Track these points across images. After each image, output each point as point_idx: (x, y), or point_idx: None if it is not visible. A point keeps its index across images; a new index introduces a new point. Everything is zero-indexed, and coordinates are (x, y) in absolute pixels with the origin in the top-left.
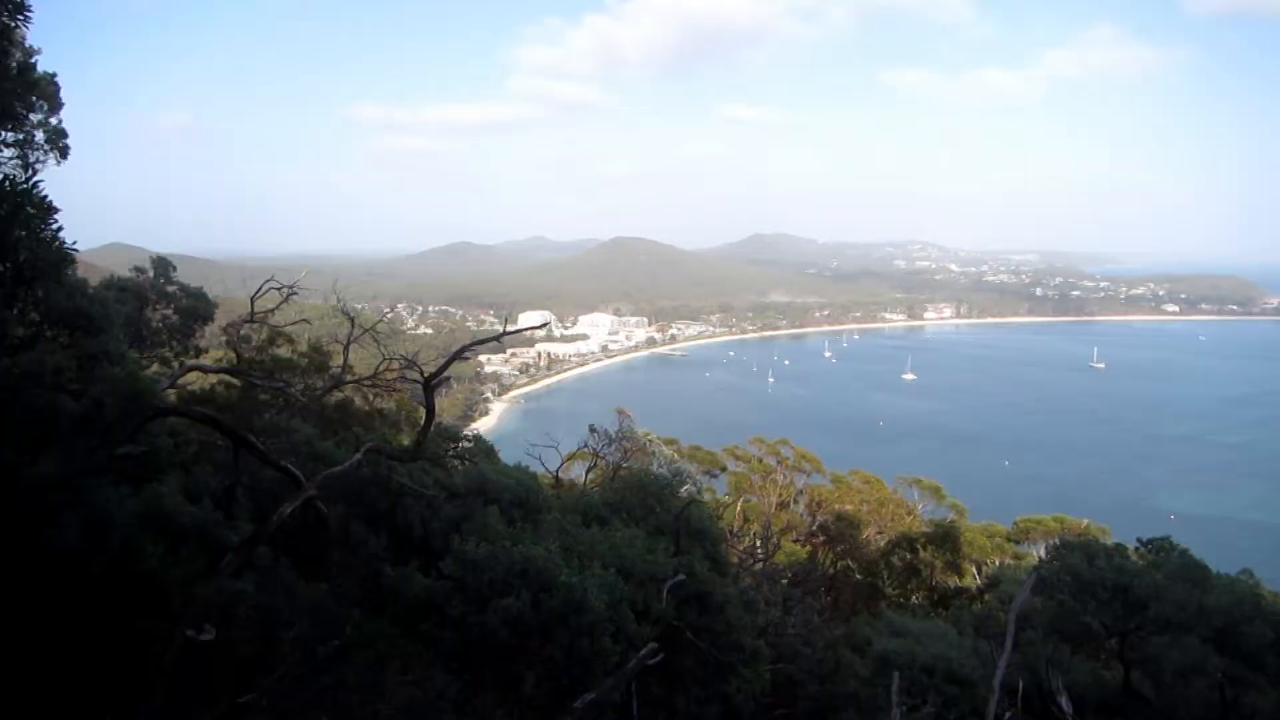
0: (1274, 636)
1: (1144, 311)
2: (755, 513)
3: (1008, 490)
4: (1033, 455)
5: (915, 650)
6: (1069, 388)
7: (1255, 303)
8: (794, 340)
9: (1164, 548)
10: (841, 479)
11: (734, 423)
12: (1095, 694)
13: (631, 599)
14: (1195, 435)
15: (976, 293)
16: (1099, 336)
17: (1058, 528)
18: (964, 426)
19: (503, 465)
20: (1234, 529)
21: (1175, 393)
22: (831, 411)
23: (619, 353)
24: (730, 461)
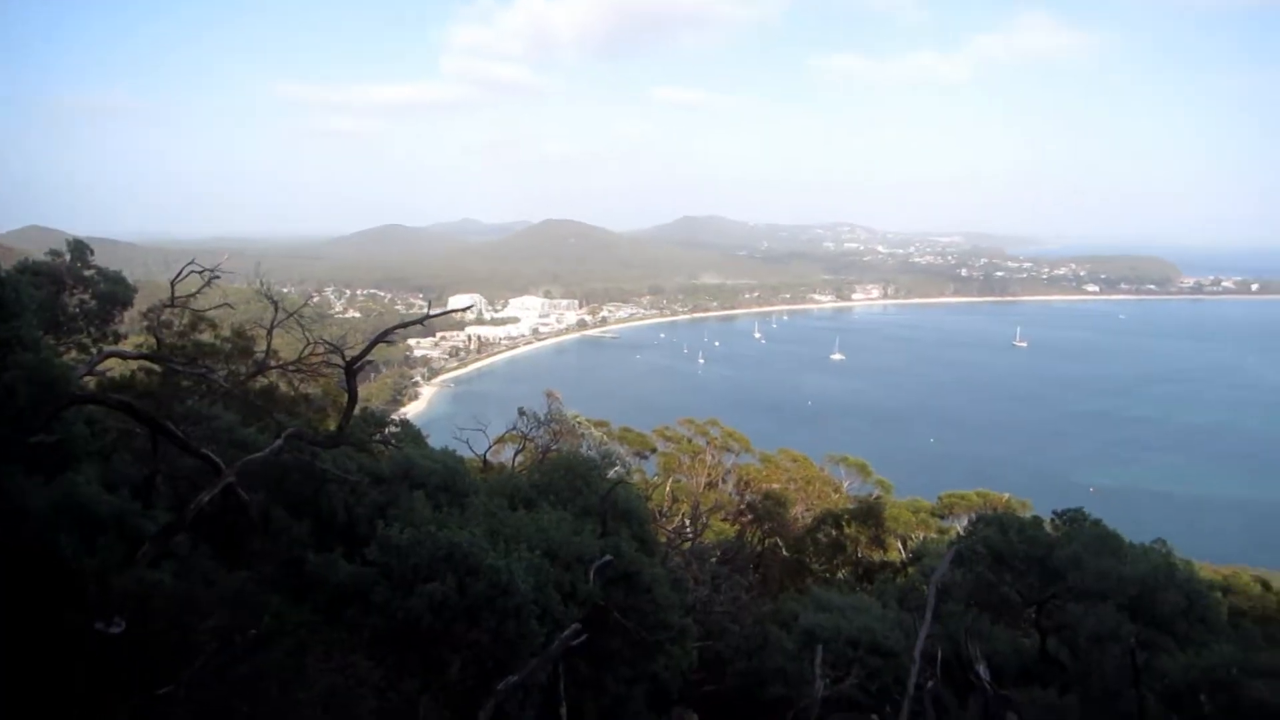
0: (1185, 603)
1: (1065, 292)
2: (684, 493)
3: (933, 467)
4: (957, 433)
5: (840, 624)
6: (992, 367)
7: (1172, 282)
8: (724, 322)
9: (1078, 519)
10: (770, 458)
11: (664, 404)
12: (1014, 661)
13: (558, 581)
14: (1113, 411)
15: (903, 274)
16: (1022, 316)
17: (980, 502)
18: (891, 405)
19: (430, 450)
20: (1148, 500)
21: (1095, 370)
22: (761, 392)
23: (549, 335)
24: (660, 443)
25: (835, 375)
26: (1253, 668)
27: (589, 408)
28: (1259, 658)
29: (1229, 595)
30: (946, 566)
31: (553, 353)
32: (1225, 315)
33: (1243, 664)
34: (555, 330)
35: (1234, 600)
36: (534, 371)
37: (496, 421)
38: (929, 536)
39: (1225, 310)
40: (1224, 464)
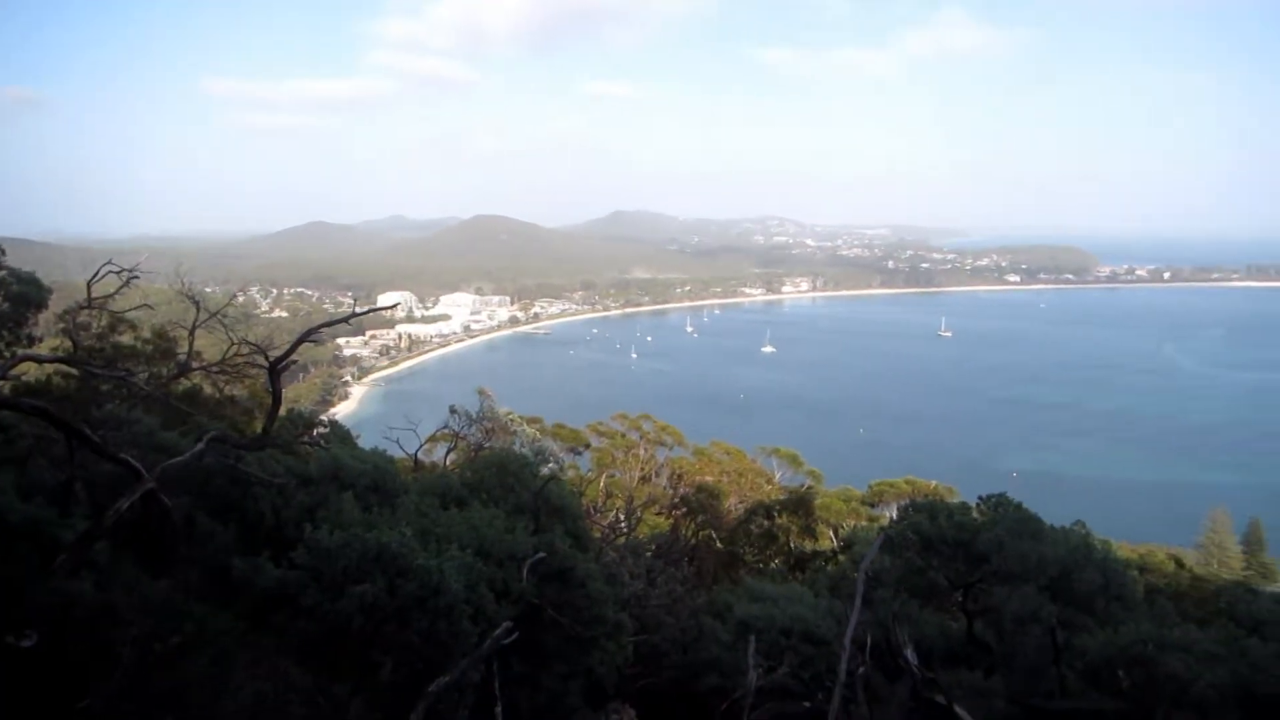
0: (1103, 582)
1: (988, 282)
2: (618, 487)
3: (863, 456)
4: (886, 422)
5: (773, 613)
6: (919, 357)
7: (1089, 271)
8: (656, 316)
9: (1001, 504)
10: (703, 451)
11: (598, 400)
12: (942, 644)
13: (491, 579)
14: (1035, 398)
15: (832, 266)
16: (947, 306)
17: (909, 489)
18: (821, 396)
19: (360, 450)
20: (1068, 483)
21: (1017, 358)
22: (694, 386)
23: (481, 332)
24: (594, 438)
25: (767, 368)
26: (1167, 642)
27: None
28: (1173, 633)
29: (1145, 573)
30: (875, 553)
31: (485, 350)
32: (1139, 303)
33: (1157, 639)
34: (487, 327)
35: (1149, 578)
36: (466, 369)
37: (428, 420)
38: (859, 525)
39: (1139, 298)
40: (1139, 447)
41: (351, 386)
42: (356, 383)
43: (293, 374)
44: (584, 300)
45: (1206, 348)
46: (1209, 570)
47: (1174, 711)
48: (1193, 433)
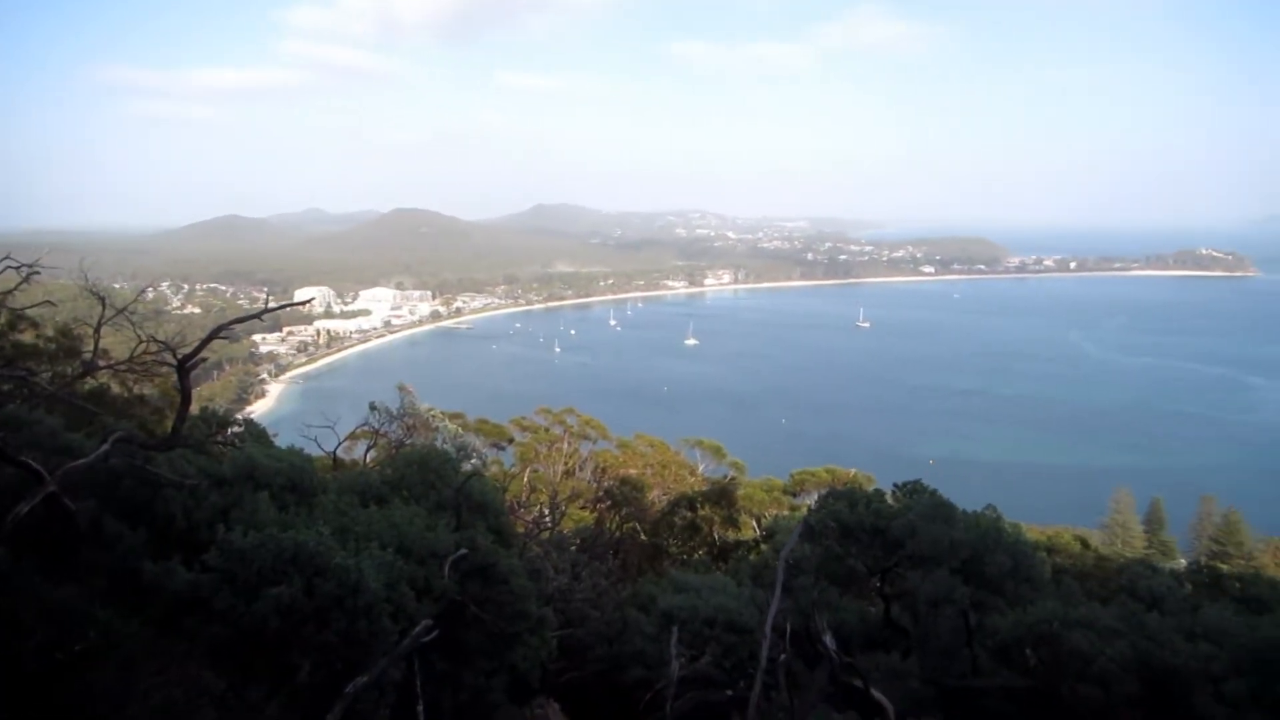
0: (1012, 564)
1: (904, 273)
2: (542, 482)
3: (785, 446)
4: (808, 412)
5: (697, 604)
6: (838, 348)
7: (1000, 262)
8: (580, 310)
9: (916, 490)
10: (627, 444)
11: (521, 394)
12: (861, 629)
13: (412, 577)
14: (950, 386)
15: (753, 259)
16: (865, 298)
17: (829, 478)
18: (744, 388)
19: (276, 449)
20: (981, 468)
21: (933, 348)
22: (618, 379)
23: (402, 328)
24: (517, 433)
25: (690, 360)
26: (1072, 620)
27: (444, 400)
28: (1077, 611)
29: (1052, 554)
30: (795, 542)
31: (406, 345)
32: (1047, 292)
33: (1063, 618)
34: (408, 322)
35: (1057, 559)
36: (387, 365)
37: (348, 417)
38: (781, 514)
39: (1047, 288)
40: (1047, 432)
41: (269, 384)
42: (274, 380)
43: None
44: (506, 294)
45: (1109, 335)
46: (1113, 549)
47: (1078, 685)
48: (1096, 417)
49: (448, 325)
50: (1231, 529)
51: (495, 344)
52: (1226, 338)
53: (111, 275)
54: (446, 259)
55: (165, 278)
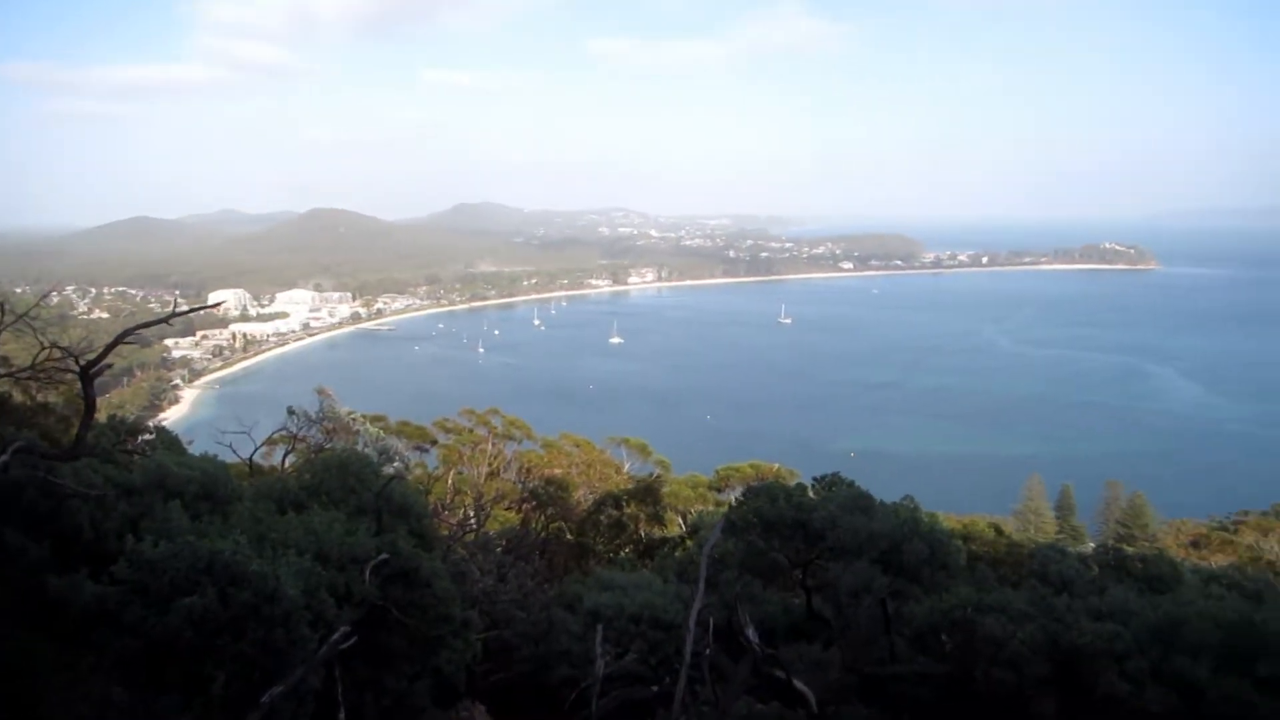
0: (929, 552)
1: (824, 269)
2: (466, 484)
3: (710, 443)
4: (732, 409)
5: (623, 601)
6: (761, 344)
7: (916, 258)
8: (503, 310)
9: (836, 483)
10: (553, 443)
11: (445, 395)
12: (784, 621)
13: (332, 583)
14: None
15: (676, 257)
16: (786, 294)
17: (753, 473)
18: (669, 385)
19: (189, 456)
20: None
21: (853, 343)
22: (543, 379)
23: (322, 330)
24: (441, 435)
25: (615, 358)
26: (985, 605)
27: (366, 403)
28: (991, 596)
29: (968, 542)
30: (717, 537)
31: (326, 348)
32: (962, 287)
33: (976, 603)
34: (328, 325)
35: (972, 546)
36: (306, 369)
37: (265, 422)
38: (706, 510)
39: (961, 282)
40: (963, 423)
41: (182, 390)
42: (188, 385)
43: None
44: (429, 295)
45: (1021, 327)
46: (1026, 535)
47: (992, 669)
48: (1009, 407)
49: (369, 327)
50: (1137, 512)
51: (418, 345)
52: (1129, 329)
53: (13, 279)
54: (367, 260)
55: (71, 281)
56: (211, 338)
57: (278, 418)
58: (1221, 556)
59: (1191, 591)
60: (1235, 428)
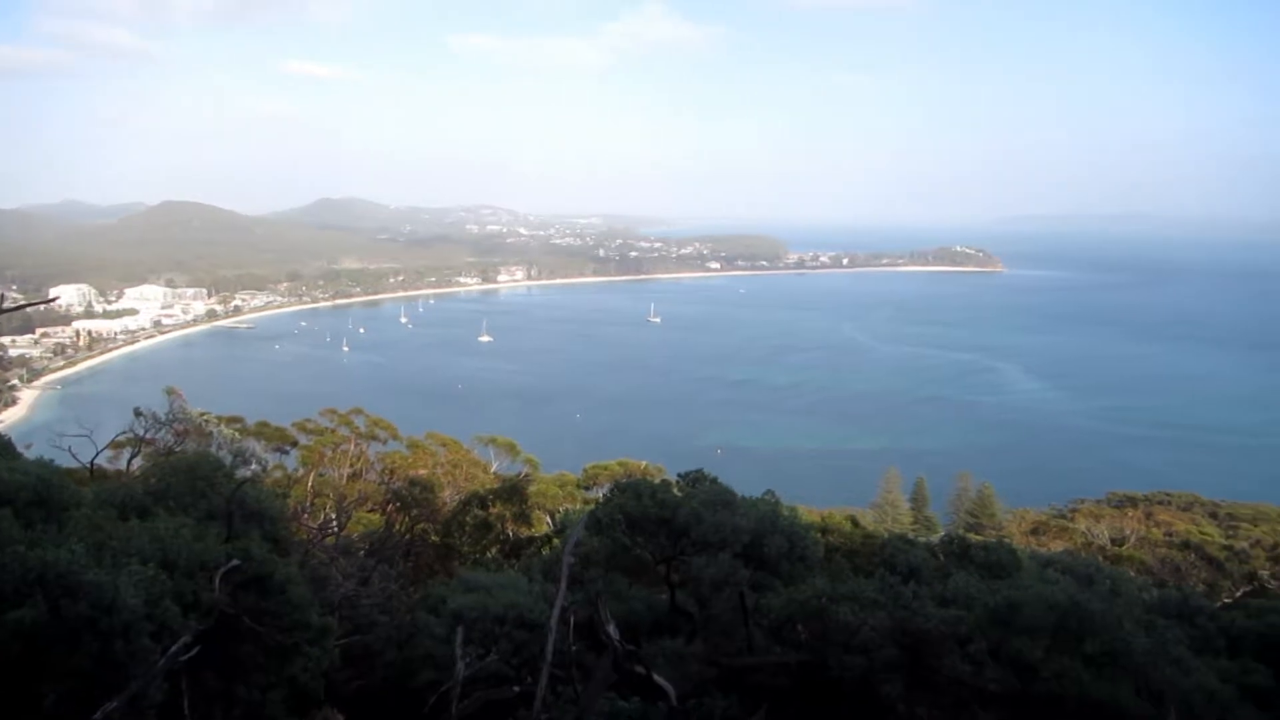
0: (788, 546)
1: (692, 269)
2: (328, 486)
3: (580, 441)
4: (602, 406)
5: (487, 602)
6: (631, 342)
7: (780, 258)
8: (369, 308)
9: (699, 479)
10: (418, 444)
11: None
12: (649, 617)
13: (178, 592)
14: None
15: (546, 255)
16: (655, 293)
17: (621, 471)
18: (539, 384)
19: (22, 461)
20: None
21: (719, 340)
22: (410, 378)
23: (175, 328)
24: (301, 436)
25: (484, 357)
26: (838, 595)
27: (222, 404)
28: (844, 586)
29: (826, 534)
30: (580, 535)
31: (180, 347)
32: (824, 286)
33: (831, 593)
34: (181, 322)
35: (830, 539)
36: (157, 368)
37: (111, 425)
38: (574, 508)
39: (823, 282)
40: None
41: (20, 390)
42: (26, 386)
43: None
44: (290, 292)
45: (879, 326)
46: (883, 527)
47: (844, 655)
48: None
49: (226, 325)
50: (985, 502)
51: (278, 344)
52: (977, 328)
53: None
54: (224, 254)
55: None
56: (53, 335)
57: (124, 419)
58: (1058, 542)
59: (1029, 577)
60: (1073, 420)
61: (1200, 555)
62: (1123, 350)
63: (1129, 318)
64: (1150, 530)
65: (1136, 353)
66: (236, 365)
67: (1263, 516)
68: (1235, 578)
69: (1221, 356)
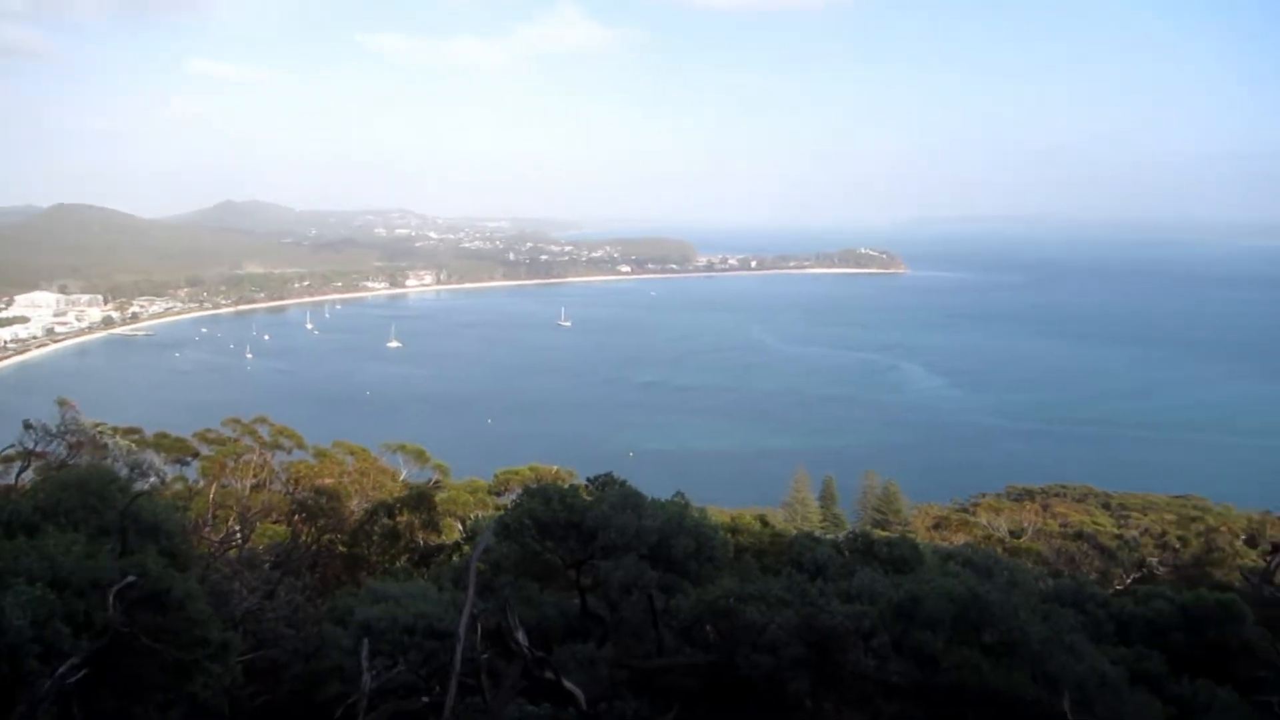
0: (696, 546)
1: (603, 272)
2: (230, 498)
3: (492, 446)
4: (514, 411)
5: (396, 612)
6: (542, 346)
7: (690, 261)
8: (274, 314)
9: (608, 483)
10: (325, 452)
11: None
12: (560, 622)
13: (69, 612)
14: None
15: (456, 259)
16: (566, 297)
17: (532, 476)
18: (450, 389)
19: None
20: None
21: (631, 343)
22: (317, 385)
23: (69, 336)
24: (203, 447)
25: (393, 363)
26: (746, 594)
27: (119, 415)
28: (752, 585)
29: (735, 534)
30: (489, 541)
31: (74, 355)
32: (733, 289)
33: (739, 593)
34: (76, 330)
35: (740, 538)
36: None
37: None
38: (485, 515)
39: (733, 284)
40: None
41: None
42: None
43: None
44: (191, 298)
45: (786, 327)
46: (792, 525)
47: (752, 654)
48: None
49: (123, 332)
50: (890, 499)
51: (179, 351)
52: (882, 328)
53: None
54: (122, 259)
55: None
56: None
57: (13, 433)
58: (960, 536)
59: (930, 571)
60: (974, 417)
61: (1093, 545)
62: (1018, 347)
63: (1024, 316)
64: (1047, 522)
65: (1031, 349)
66: (134, 374)
67: (1151, 505)
68: (1126, 565)
69: (1110, 352)
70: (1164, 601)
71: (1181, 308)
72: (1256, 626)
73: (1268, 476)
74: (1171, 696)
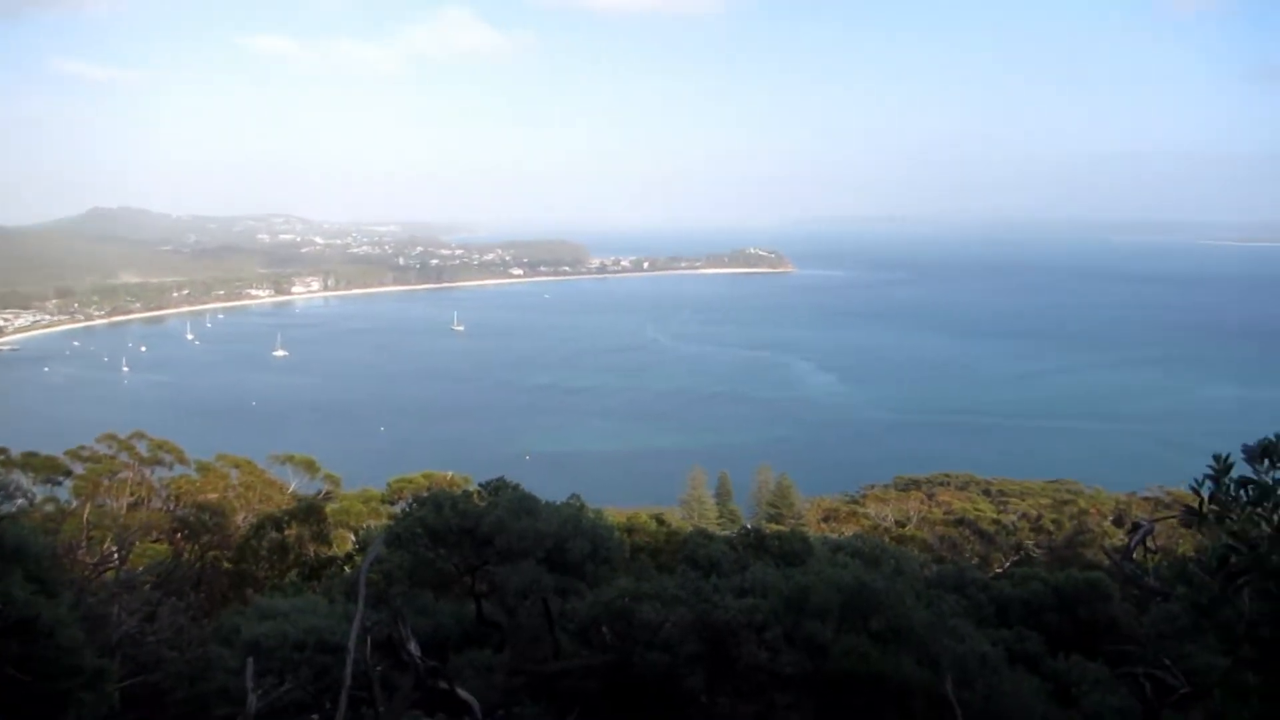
0: (591, 548)
1: (495, 275)
2: (106, 517)
3: (385, 455)
4: (407, 418)
5: (285, 629)
6: (435, 351)
7: (583, 263)
8: (151, 324)
9: (501, 487)
10: (209, 466)
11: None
12: (456, 629)
13: None
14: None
15: (344, 265)
16: (458, 301)
17: (426, 483)
18: (340, 398)
19: None
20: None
21: (525, 346)
22: (199, 397)
23: None
24: (76, 465)
25: (280, 372)
26: (641, 594)
27: None
28: (647, 585)
29: (631, 534)
30: (379, 552)
31: None
32: (626, 290)
33: (634, 593)
34: None
35: (636, 538)
36: None
37: None
38: (377, 524)
39: (626, 286)
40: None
41: None
42: None
43: None
44: (61, 309)
45: (679, 327)
46: (690, 523)
47: (648, 653)
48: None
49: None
50: (784, 493)
51: (48, 366)
52: (772, 326)
53: None
54: None
55: None
56: None
57: None
58: (849, 527)
59: (820, 562)
60: (864, 411)
61: (974, 530)
62: (903, 343)
63: (907, 313)
64: (931, 510)
65: (915, 345)
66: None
67: (1028, 491)
68: (1005, 549)
69: (989, 346)
70: (1039, 583)
71: (1058, 301)
72: (1122, 603)
73: (1135, 459)
74: (1048, 673)
